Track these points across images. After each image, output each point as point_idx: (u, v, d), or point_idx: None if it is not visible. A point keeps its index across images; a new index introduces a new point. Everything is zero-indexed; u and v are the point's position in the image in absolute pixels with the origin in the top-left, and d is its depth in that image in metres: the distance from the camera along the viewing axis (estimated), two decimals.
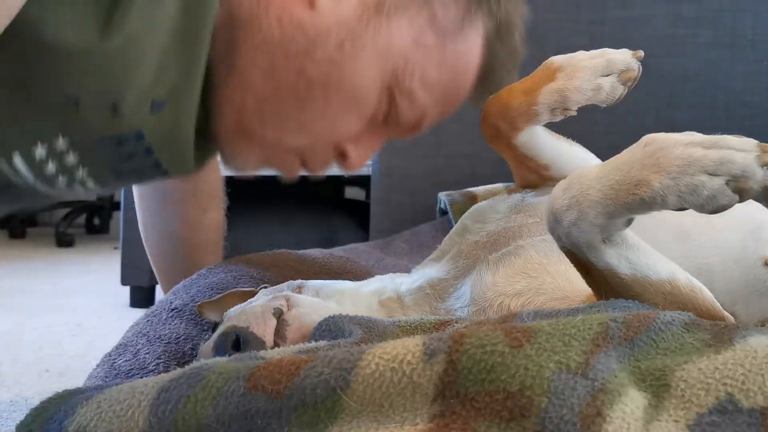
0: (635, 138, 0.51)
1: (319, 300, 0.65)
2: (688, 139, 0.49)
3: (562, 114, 0.69)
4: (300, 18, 0.61)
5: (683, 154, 0.48)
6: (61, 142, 0.54)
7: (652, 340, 0.44)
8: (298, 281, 0.71)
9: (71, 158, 0.55)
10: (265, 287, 0.74)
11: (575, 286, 0.60)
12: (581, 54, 0.70)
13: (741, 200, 0.47)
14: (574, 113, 0.69)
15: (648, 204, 0.49)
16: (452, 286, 0.69)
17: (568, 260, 0.56)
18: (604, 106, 0.69)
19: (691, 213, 0.49)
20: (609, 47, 0.70)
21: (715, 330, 0.45)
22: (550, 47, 1.60)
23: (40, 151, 0.53)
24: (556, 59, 0.71)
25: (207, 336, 0.67)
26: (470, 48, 0.70)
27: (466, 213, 0.78)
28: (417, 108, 0.69)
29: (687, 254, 0.65)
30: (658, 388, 0.41)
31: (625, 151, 0.52)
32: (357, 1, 0.63)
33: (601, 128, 0.65)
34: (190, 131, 0.61)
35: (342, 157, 0.73)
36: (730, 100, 1.55)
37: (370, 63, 0.64)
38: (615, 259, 0.53)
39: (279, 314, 0.58)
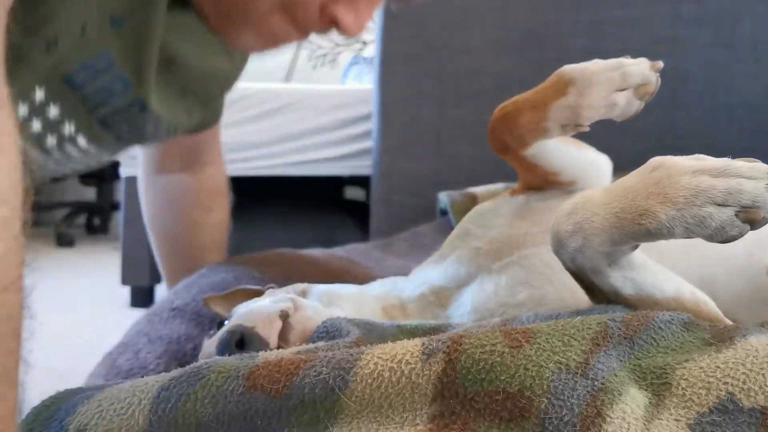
0: (634, 138, 0.51)
1: (322, 305, 0.65)
2: (696, 166, 0.47)
3: (574, 130, 0.65)
4: None
5: (690, 184, 0.46)
6: (38, 94, 0.52)
7: (652, 339, 0.44)
8: (303, 285, 0.71)
9: (53, 110, 0.54)
10: (272, 287, 0.74)
11: (578, 296, 0.59)
12: (595, 65, 0.63)
13: (752, 229, 0.45)
14: (587, 129, 0.64)
15: (654, 234, 0.47)
16: (454, 294, 0.68)
17: None
18: (619, 120, 0.64)
19: None
20: (609, 47, 0.68)
21: (715, 330, 0.45)
22: (550, 47, 1.62)
23: (22, 111, 0.52)
24: (568, 71, 0.64)
25: (212, 332, 0.67)
26: None
27: (467, 216, 0.76)
28: None
29: (692, 266, 0.63)
30: (658, 386, 0.41)
31: (631, 174, 0.50)
32: None
33: (600, 128, 0.64)
34: (154, 47, 0.61)
35: (334, 22, 0.72)
36: (730, 100, 1.55)
37: None
38: (620, 281, 0.52)
39: (285, 317, 0.58)
